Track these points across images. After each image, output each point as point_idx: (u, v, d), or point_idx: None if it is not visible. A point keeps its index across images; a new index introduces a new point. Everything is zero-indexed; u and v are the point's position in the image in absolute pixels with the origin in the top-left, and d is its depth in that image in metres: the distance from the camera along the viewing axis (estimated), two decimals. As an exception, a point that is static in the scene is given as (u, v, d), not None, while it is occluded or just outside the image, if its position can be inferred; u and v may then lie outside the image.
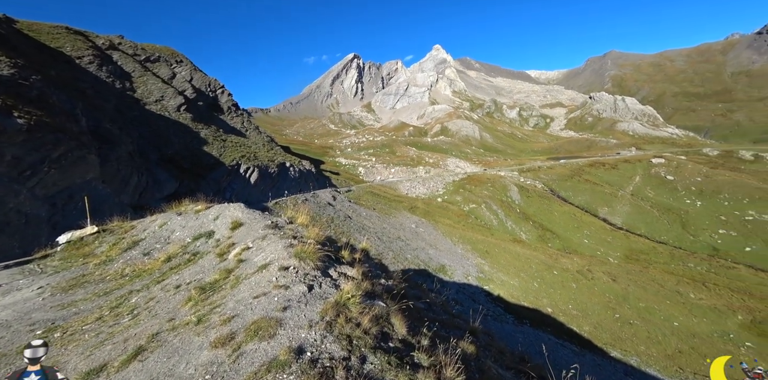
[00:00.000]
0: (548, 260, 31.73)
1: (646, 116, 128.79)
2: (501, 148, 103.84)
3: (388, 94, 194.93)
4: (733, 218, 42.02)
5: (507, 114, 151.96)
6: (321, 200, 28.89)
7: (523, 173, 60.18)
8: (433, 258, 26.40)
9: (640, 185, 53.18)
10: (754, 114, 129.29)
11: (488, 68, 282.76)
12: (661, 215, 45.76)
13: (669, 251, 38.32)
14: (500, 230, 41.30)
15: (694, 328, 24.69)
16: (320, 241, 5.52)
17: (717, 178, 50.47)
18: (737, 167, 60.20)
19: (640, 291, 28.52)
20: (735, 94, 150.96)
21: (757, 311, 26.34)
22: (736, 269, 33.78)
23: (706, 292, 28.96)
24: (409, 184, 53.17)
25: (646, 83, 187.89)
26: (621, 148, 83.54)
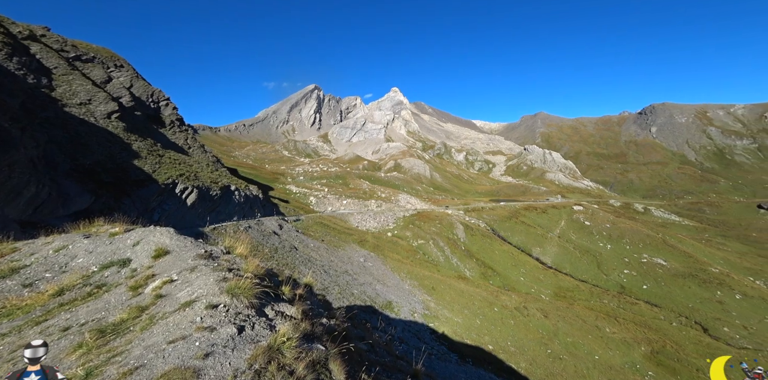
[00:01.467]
0: (490, 297, 32.84)
1: (568, 168, 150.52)
2: (449, 187, 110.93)
3: (345, 127, 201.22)
4: (633, 260, 49.03)
5: (455, 157, 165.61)
6: (266, 229, 27.07)
7: (468, 212, 64.21)
8: (380, 294, 25.60)
9: (565, 229, 60.03)
10: (641, 175, 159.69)
11: (440, 114, 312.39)
12: (582, 256, 51.53)
13: (588, 288, 42.55)
14: (446, 266, 42.29)
15: (610, 361, 26.76)
16: (259, 274, 5.07)
17: (620, 225, 59.44)
18: (633, 217, 71.96)
19: (568, 326, 30.59)
20: (628, 157, 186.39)
21: (654, 342, 29.74)
22: (637, 304, 38.50)
23: (618, 326, 32.13)
24: (360, 217, 52.95)
25: (567, 142, 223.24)
26: (549, 195, 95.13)
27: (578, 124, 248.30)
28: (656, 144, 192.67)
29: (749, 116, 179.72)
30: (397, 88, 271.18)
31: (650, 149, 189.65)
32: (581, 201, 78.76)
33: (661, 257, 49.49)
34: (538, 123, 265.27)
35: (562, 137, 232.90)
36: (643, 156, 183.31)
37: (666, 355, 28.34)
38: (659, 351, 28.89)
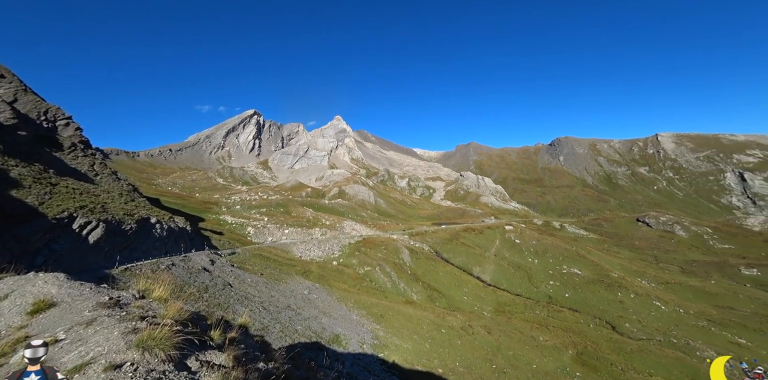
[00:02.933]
0: (437, 320, 33.17)
1: (498, 192, 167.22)
2: (393, 213, 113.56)
3: (287, 153, 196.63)
4: (556, 272, 55.14)
5: (398, 183, 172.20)
6: (194, 265, 24.01)
7: (412, 236, 65.97)
8: (326, 328, 24.03)
9: (499, 247, 65.29)
10: (556, 197, 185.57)
11: (382, 142, 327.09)
12: (515, 272, 56.13)
13: (523, 301, 46.01)
14: (394, 292, 41.95)
15: (545, 367, 28.62)
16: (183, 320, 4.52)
17: (544, 241, 67.04)
18: (553, 233, 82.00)
19: (509, 340, 32.23)
20: (545, 182, 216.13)
21: (578, 344, 32.94)
22: (562, 312, 42.73)
23: (549, 334, 34.93)
24: (304, 246, 50.52)
25: (496, 169, 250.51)
26: (484, 216, 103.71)
27: (504, 153, 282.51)
28: (564, 171, 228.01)
29: (623, 149, 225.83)
30: (340, 116, 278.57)
31: (560, 174, 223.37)
32: (511, 221, 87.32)
33: (576, 267, 56.57)
34: (471, 152, 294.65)
35: (492, 164, 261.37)
36: (556, 181, 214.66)
37: (588, 355, 31.42)
38: (582, 352, 31.94)
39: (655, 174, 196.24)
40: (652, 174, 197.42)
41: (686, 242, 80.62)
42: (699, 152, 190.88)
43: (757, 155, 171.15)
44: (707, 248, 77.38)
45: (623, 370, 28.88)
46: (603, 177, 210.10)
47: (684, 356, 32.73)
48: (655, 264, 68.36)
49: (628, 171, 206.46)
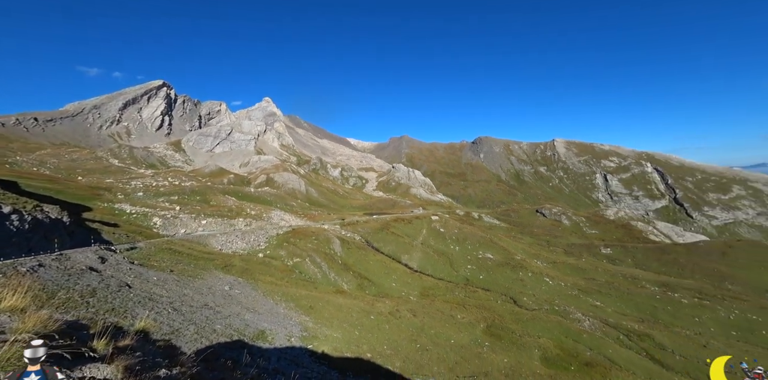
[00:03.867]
0: (366, 307, 34.14)
1: (426, 185, 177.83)
2: (325, 203, 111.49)
3: (206, 135, 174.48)
4: (473, 257, 62.10)
5: (331, 173, 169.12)
6: (74, 265, 19.73)
7: (344, 226, 65.95)
8: (250, 324, 22.53)
9: (426, 236, 70.07)
10: (476, 190, 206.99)
11: (315, 129, 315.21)
12: (439, 258, 61.20)
13: (445, 285, 50.63)
14: (324, 282, 41.58)
15: (461, 341, 32.29)
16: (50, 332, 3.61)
17: (464, 230, 74.41)
18: (472, 223, 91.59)
19: (431, 320, 35.21)
20: (467, 176, 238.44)
21: (488, 319, 38.00)
22: (477, 292, 48.56)
23: (465, 312, 39.35)
24: (225, 238, 46.08)
25: (425, 162, 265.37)
26: (413, 207, 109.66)
27: (433, 148, 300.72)
28: (483, 167, 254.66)
29: (529, 151, 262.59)
30: (269, 98, 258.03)
31: (480, 170, 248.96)
32: (437, 212, 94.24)
33: (489, 252, 64.47)
34: (404, 145, 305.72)
35: (422, 158, 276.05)
36: (476, 176, 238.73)
37: (495, 327, 36.45)
38: (491, 325, 36.88)
39: (551, 173, 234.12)
40: (549, 173, 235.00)
41: (569, 229, 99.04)
42: (580, 156, 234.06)
43: (615, 162, 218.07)
44: (582, 234, 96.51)
45: (520, 336, 34.38)
46: (513, 174, 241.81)
47: (562, 319, 40.57)
48: (547, 248, 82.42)
49: (532, 170, 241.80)
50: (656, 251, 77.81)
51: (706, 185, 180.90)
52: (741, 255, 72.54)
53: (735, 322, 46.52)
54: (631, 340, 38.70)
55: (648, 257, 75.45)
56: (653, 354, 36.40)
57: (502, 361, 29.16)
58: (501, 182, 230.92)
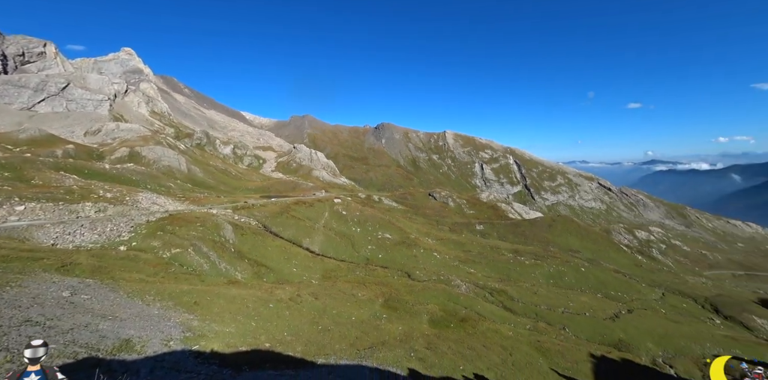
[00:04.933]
0: (264, 295, 31.90)
1: (330, 167, 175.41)
2: (213, 184, 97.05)
3: (19, 85, 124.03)
4: (373, 238, 65.64)
5: (221, 150, 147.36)
6: None
7: (237, 210, 59.07)
8: (108, 335, 17.78)
9: (328, 219, 69.68)
10: (377, 174, 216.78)
11: (200, 97, 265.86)
12: (341, 240, 62.12)
13: (347, 265, 52.01)
14: (213, 274, 36.65)
15: (361, 317, 34.13)
16: None
17: (365, 212, 77.33)
18: (373, 206, 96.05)
19: (333, 301, 35.75)
20: (369, 161, 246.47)
21: (386, 294, 41.28)
22: (376, 270, 51.89)
23: (366, 290, 41.60)
24: (63, 229, 34.82)
25: (329, 144, 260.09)
26: (316, 190, 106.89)
27: (337, 130, 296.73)
28: (385, 152, 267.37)
29: (425, 140, 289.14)
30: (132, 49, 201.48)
31: (381, 155, 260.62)
32: (340, 195, 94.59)
33: (388, 232, 69.20)
34: (306, 125, 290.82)
35: (325, 139, 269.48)
36: (378, 160, 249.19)
37: (392, 300, 39.85)
38: (389, 299, 40.12)
39: (442, 161, 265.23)
40: (440, 161, 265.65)
41: (453, 210, 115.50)
42: (465, 147, 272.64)
43: (489, 154, 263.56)
44: (463, 214, 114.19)
45: (413, 305, 38.64)
46: (411, 160, 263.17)
47: (446, 287, 47.58)
48: (436, 226, 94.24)
49: (427, 157, 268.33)
50: (512, 226, 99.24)
51: (543, 175, 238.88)
52: (559, 227, 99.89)
53: (553, 274, 64.29)
54: (492, 296, 48.76)
55: (507, 231, 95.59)
56: (506, 304, 46.95)
57: (397, 329, 32.25)
58: (400, 167, 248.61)
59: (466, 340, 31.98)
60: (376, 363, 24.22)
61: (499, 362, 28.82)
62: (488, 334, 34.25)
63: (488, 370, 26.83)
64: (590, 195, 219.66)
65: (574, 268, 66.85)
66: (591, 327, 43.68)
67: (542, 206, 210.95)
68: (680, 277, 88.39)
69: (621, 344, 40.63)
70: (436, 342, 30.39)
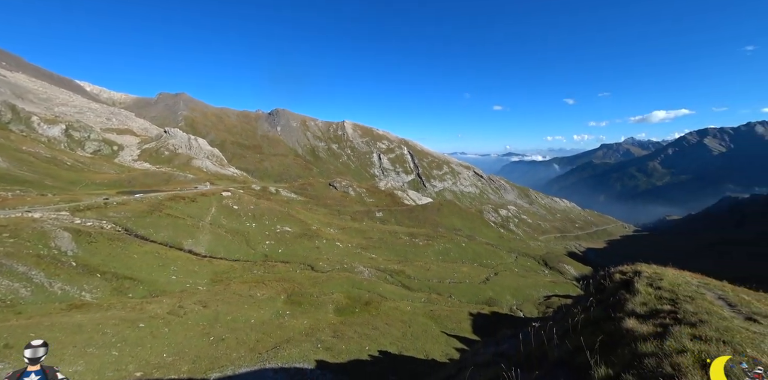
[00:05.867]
0: (131, 315, 25.69)
1: (215, 156, 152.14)
2: (33, 178, 70.82)
3: None
4: (271, 232, 61.13)
5: (44, 131, 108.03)
6: None
7: (80, 212, 45.09)
8: None
9: (216, 215, 60.82)
10: (273, 164, 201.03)
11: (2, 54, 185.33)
12: (233, 238, 55.42)
13: (241, 265, 46.96)
14: (40, 300, 27.15)
15: (262, 318, 31.71)
16: None
17: (261, 205, 70.97)
18: (269, 198, 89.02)
19: (227, 306, 31.81)
20: (263, 149, 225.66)
21: (289, 289, 39.49)
22: (276, 266, 48.84)
23: (266, 288, 38.69)
24: None
25: (212, 130, 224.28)
26: (198, 182, 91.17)
27: (223, 113, 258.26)
28: (281, 140, 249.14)
29: (324, 128, 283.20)
30: None
31: (277, 143, 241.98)
32: (229, 187, 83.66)
33: (288, 225, 65.55)
34: (181, 105, 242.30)
35: (208, 123, 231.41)
36: (274, 149, 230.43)
37: (296, 295, 38.34)
38: (292, 294, 38.43)
39: (341, 150, 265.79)
40: (340, 150, 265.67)
41: (354, 199, 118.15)
42: (363, 137, 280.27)
43: (385, 144, 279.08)
44: (363, 202, 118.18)
45: (317, 296, 38.10)
46: (309, 149, 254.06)
47: (350, 274, 48.74)
48: (338, 216, 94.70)
49: (326, 146, 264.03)
50: (407, 212, 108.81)
51: (432, 165, 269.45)
52: (445, 210, 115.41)
53: (441, 251, 74.25)
54: (393, 277, 52.78)
55: (403, 216, 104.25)
56: (404, 282, 51.65)
57: (302, 324, 31.32)
58: (298, 156, 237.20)
59: (370, 322, 33.75)
60: (281, 363, 22.95)
61: (400, 335, 31.67)
62: (390, 312, 37.05)
63: (391, 345, 29.15)
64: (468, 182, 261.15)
65: (457, 244, 78.88)
66: (470, 291, 52.78)
67: (432, 192, 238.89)
68: (526, 243, 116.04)
69: (491, 300, 50.67)
70: (342, 329, 30.97)
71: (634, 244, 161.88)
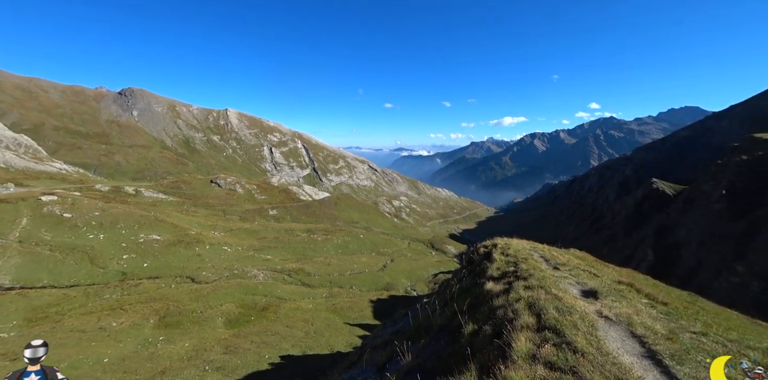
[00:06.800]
0: None
1: (24, 146, 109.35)
2: None
3: None
4: (131, 243, 48.75)
5: None
6: None
7: None
8: None
9: (31, 229, 44.02)
10: (128, 157, 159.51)
11: None
12: (66, 257, 41.44)
13: (83, 291, 35.82)
14: None
15: (121, 353, 25.20)
16: None
17: (112, 211, 55.51)
18: (126, 200, 70.64)
19: (59, 350, 23.72)
20: (112, 138, 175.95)
21: (162, 310, 32.69)
22: (141, 284, 39.49)
23: (125, 315, 30.81)
24: None
25: (18, 108, 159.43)
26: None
27: (36, 87, 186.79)
28: (139, 128, 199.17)
29: (201, 117, 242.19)
30: None
31: (134, 132, 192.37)
32: (54, 189, 62.10)
33: (155, 233, 53.57)
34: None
35: (10, 100, 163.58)
36: (128, 139, 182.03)
37: (171, 315, 31.95)
38: (166, 315, 31.86)
39: (225, 143, 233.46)
40: (223, 142, 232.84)
41: (243, 197, 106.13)
42: (251, 129, 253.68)
43: (277, 137, 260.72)
44: (254, 200, 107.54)
45: (202, 311, 32.74)
46: (182, 141, 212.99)
47: (242, 280, 43.78)
48: (224, 217, 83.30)
49: (205, 138, 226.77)
50: (304, 208, 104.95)
51: (328, 159, 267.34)
52: (342, 204, 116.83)
53: (341, 244, 75.05)
54: (291, 277, 50.25)
55: (300, 212, 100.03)
56: (304, 280, 49.95)
57: (182, 348, 26.42)
58: (166, 148, 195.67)
59: (269, 328, 31.31)
60: (152, 402, 18.77)
61: (303, 335, 30.58)
62: (291, 314, 35.26)
63: (293, 347, 27.82)
64: (364, 175, 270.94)
65: (356, 236, 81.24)
66: (370, 280, 55.39)
67: (329, 186, 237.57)
68: (416, 229, 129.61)
69: (389, 285, 54.51)
70: (236, 343, 27.69)
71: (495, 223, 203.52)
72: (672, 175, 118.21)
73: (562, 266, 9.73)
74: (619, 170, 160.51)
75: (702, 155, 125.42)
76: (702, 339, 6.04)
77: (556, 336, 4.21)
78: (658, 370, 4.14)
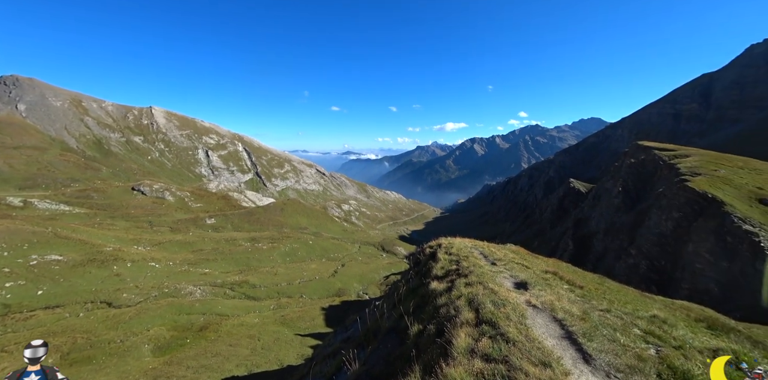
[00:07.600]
0: None
1: None
2: None
3: None
4: (18, 267, 40.00)
5: None
6: None
7: None
8: None
9: None
10: (14, 161, 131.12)
11: None
12: None
13: (-51, 332, 28.29)
14: None
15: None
16: None
17: (-7, 227, 45.07)
18: (9, 214, 57.95)
19: None
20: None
21: (64, 345, 27.45)
22: (34, 316, 32.69)
23: (9, 358, 25.12)
24: None
25: None
26: None
27: None
28: (29, 126, 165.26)
29: (117, 114, 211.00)
30: None
31: (22, 130, 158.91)
32: None
33: (55, 252, 44.86)
34: None
35: None
36: (13, 139, 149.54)
37: (78, 350, 27.01)
38: (71, 350, 26.84)
39: (150, 145, 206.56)
40: (147, 145, 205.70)
41: (174, 206, 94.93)
42: (183, 130, 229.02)
43: (214, 139, 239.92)
44: (187, 208, 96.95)
45: (122, 341, 28.28)
46: (93, 142, 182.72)
47: (174, 299, 38.95)
48: (150, 229, 73.41)
49: (123, 138, 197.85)
50: (247, 215, 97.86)
51: (272, 163, 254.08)
52: (289, 209, 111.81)
53: (288, 252, 71.65)
54: (234, 290, 46.31)
55: (242, 220, 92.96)
56: (249, 293, 46.42)
57: (95, 386, 22.47)
58: (69, 151, 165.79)
59: (209, 349, 28.35)
60: None
61: (249, 353, 28.33)
62: (234, 331, 32.42)
63: (238, 367, 25.59)
64: (311, 179, 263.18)
65: (305, 243, 78.30)
66: (321, 287, 53.75)
67: (274, 192, 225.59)
68: (367, 232, 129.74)
69: (340, 291, 53.51)
70: (167, 371, 24.48)
71: (441, 223, 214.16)
72: (585, 175, 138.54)
73: (498, 261, 10.60)
74: (545, 172, 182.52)
75: (605, 158, 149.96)
76: (607, 315, 7.12)
77: (492, 329, 4.54)
78: (573, 348, 4.72)
